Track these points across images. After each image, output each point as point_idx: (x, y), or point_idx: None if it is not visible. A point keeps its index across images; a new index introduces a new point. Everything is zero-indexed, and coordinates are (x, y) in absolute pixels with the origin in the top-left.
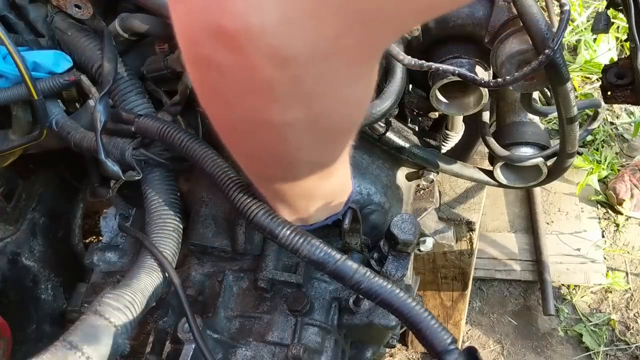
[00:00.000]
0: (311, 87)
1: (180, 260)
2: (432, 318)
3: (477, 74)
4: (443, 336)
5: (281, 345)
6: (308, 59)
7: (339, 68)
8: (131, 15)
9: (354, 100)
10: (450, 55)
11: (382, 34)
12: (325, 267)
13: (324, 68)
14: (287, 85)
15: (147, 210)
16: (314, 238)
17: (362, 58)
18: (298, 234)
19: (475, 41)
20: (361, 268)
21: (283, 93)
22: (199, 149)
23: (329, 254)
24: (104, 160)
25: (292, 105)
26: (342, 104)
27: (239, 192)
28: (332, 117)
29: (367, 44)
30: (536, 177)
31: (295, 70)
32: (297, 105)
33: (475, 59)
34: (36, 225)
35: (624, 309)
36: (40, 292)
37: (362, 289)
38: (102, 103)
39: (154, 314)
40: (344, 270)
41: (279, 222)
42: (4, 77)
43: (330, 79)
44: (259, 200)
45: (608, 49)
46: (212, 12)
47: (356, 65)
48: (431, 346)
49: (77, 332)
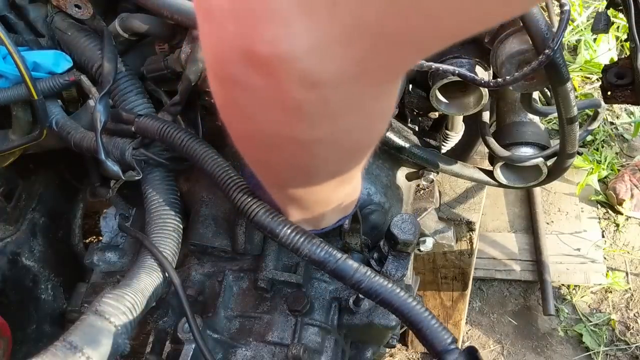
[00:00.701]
0: (338, 106)
1: (180, 260)
2: (432, 317)
3: (477, 74)
4: (443, 336)
5: (281, 345)
6: (336, 81)
7: (365, 88)
8: (131, 15)
9: (378, 115)
10: (450, 55)
11: (408, 55)
12: (326, 266)
13: (351, 89)
14: (315, 106)
15: (147, 210)
16: (315, 237)
17: (387, 78)
18: (299, 233)
19: (475, 41)
20: (362, 267)
21: (310, 113)
22: (199, 149)
23: (330, 253)
24: (104, 160)
25: (319, 124)
26: (367, 120)
27: (239, 191)
28: (356, 133)
29: (393, 65)
30: (536, 177)
31: (324, 92)
32: (324, 123)
33: (475, 59)
34: (36, 225)
35: (624, 309)
36: (40, 292)
37: (363, 288)
38: (102, 103)
39: (154, 314)
40: (344, 269)
41: (280, 221)
42: (4, 77)
43: (356, 98)
44: (259, 199)
45: (608, 49)
46: (245, 37)
47: (381, 85)
48: (431, 346)
49: (77, 332)
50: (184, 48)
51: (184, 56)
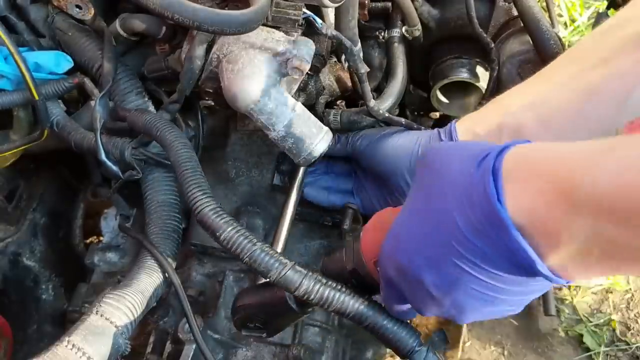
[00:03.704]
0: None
1: (180, 261)
2: (391, 319)
3: (477, 74)
4: (407, 337)
5: (282, 346)
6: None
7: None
8: (132, 15)
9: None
10: (451, 55)
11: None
12: (267, 275)
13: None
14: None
15: (147, 210)
16: (260, 242)
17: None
18: (242, 235)
19: (476, 41)
20: (310, 276)
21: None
22: (169, 136)
23: (277, 260)
24: (103, 160)
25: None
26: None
27: (193, 183)
28: None
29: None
30: None
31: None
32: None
33: (475, 59)
34: (37, 225)
35: (624, 309)
36: (41, 292)
37: (313, 300)
38: (101, 103)
39: (154, 314)
40: (291, 279)
41: (225, 222)
42: (5, 78)
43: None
44: (210, 196)
45: None
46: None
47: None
48: (397, 349)
49: (78, 332)
50: (184, 48)
51: (184, 56)
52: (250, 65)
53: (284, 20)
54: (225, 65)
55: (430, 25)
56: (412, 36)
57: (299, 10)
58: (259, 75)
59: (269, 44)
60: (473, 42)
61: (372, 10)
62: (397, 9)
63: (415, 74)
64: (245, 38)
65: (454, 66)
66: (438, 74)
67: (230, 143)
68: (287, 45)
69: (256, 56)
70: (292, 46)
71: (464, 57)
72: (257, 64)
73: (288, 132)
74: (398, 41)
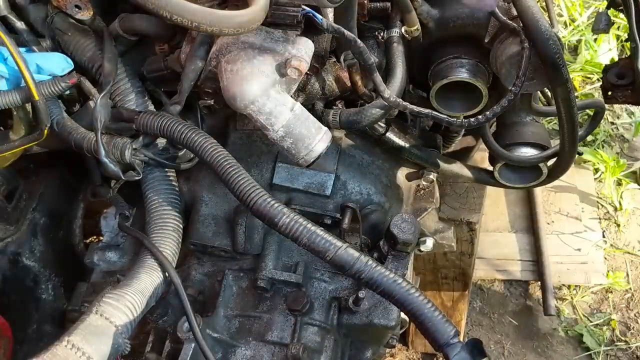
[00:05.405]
0: None
1: (180, 260)
2: (435, 309)
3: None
4: (446, 328)
5: (281, 345)
6: None
7: None
8: (131, 15)
9: None
10: (451, 55)
11: None
12: (325, 255)
13: None
14: None
15: (147, 210)
16: (315, 226)
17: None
18: (297, 222)
19: (475, 42)
20: (363, 257)
21: None
22: (200, 139)
23: (330, 242)
24: (104, 160)
25: None
26: None
27: (240, 180)
28: None
29: None
30: (536, 177)
31: None
32: None
33: (475, 59)
34: (37, 225)
35: (624, 309)
36: (40, 291)
37: (363, 279)
38: (101, 103)
39: (154, 313)
40: (344, 258)
41: (279, 210)
42: (5, 79)
43: None
44: (259, 187)
45: (609, 49)
46: None
47: None
48: (433, 339)
49: (78, 331)
50: (183, 48)
51: (183, 56)
52: (250, 65)
53: (283, 17)
54: (225, 65)
55: (429, 26)
56: (411, 36)
57: (298, 7)
58: (258, 75)
59: (268, 44)
60: (472, 42)
61: (371, 10)
62: (396, 9)
63: (415, 74)
64: (245, 38)
65: (454, 66)
66: (437, 74)
67: (230, 142)
68: (286, 45)
69: (255, 56)
70: (291, 46)
71: (464, 57)
72: (256, 64)
73: (287, 132)
74: (397, 41)
